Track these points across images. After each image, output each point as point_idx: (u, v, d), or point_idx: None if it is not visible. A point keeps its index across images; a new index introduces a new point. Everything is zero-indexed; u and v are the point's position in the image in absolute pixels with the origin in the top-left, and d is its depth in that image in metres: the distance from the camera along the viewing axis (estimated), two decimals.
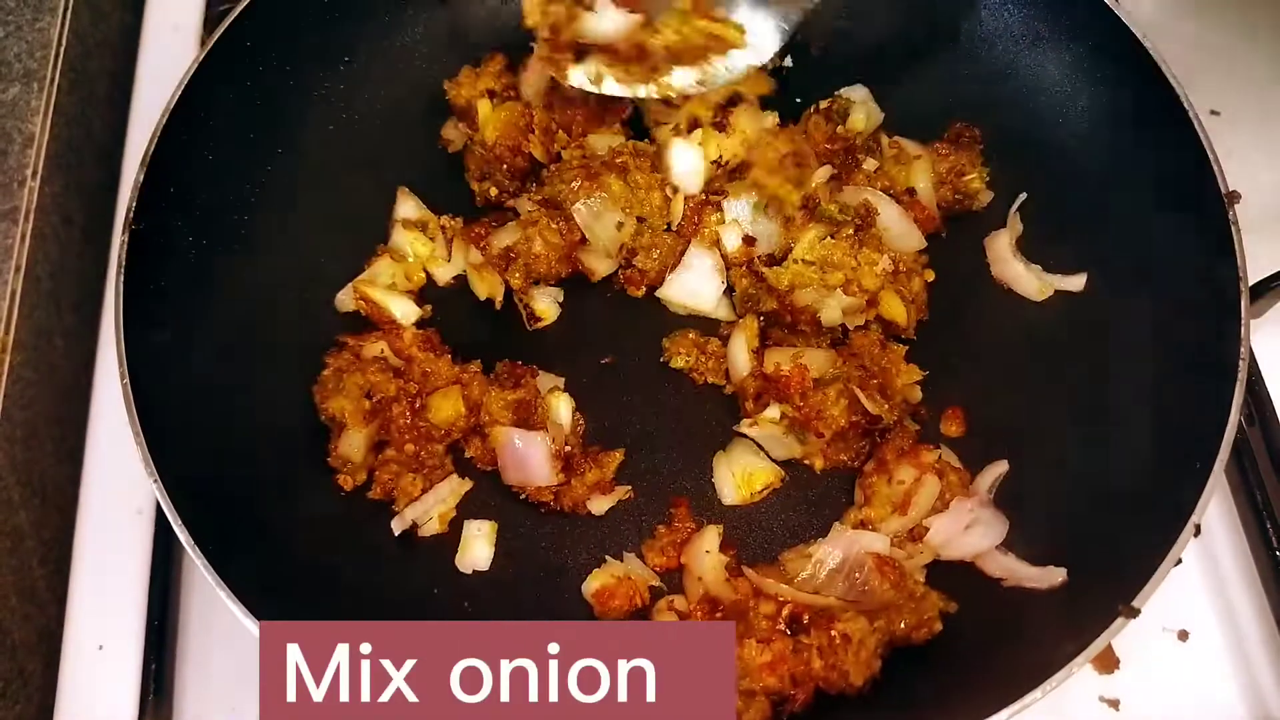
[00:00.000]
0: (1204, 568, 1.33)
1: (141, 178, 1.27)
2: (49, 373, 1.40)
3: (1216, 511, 1.35)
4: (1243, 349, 1.18)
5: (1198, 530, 1.11)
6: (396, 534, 1.26)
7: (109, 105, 1.62)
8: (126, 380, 1.17)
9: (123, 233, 1.25)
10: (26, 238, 1.36)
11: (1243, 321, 1.19)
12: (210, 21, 1.63)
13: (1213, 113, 1.52)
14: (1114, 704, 1.26)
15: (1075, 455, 1.28)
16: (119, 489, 1.37)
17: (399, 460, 1.29)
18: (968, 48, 1.49)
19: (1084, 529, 1.22)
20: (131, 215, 1.25)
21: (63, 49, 1.49)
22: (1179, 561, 1.09)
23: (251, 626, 1.07)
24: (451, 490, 1.30)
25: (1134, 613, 1.07)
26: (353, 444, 1.27)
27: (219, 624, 1.07)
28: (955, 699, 1.09)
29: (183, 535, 1.11)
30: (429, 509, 1.28)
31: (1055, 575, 1.18)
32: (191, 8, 1.67)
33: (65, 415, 1.43)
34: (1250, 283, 1.33)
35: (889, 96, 1.49)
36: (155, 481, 1.13)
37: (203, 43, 1.35)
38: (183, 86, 1.32)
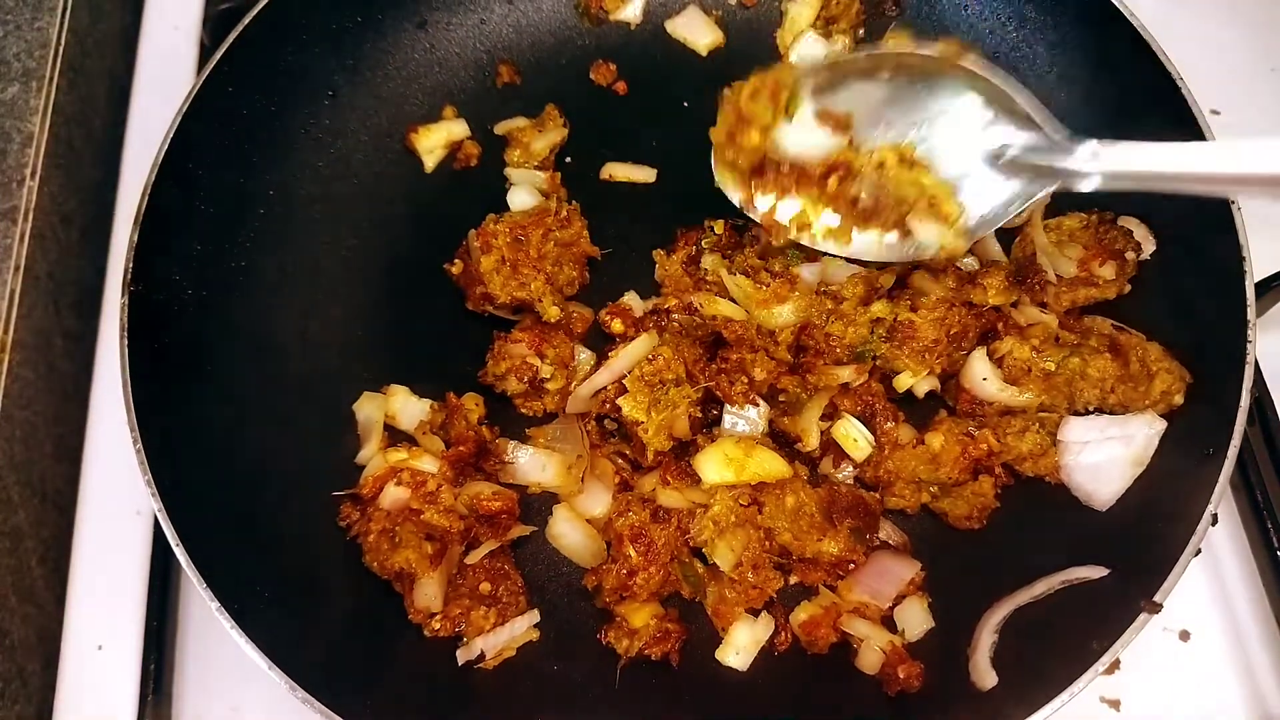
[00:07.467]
0: (1205, 568, 1.33)
1: (135, 236, 1.24)
2: (48, 372, 1.40)
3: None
4: (1251, 334, 1.17)
5: (1215, 519, 1.11)
6: (460, 664, 1.19)
7: (108, 105, 1.62)
8: (132, 406, 1.16)
9: (122, 295, 1.22)
10: (25, 237, 1.36)
11: (1249, 305, 1.18)
12: (209, 21, 1.63)
13: (1213, 112, 1.52)
14: (1114, 704, 1.26)
15: None
16: (118, 489, 1.37)
17: (471, 595, 1.22)
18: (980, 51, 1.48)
19: (1104, 525, 1.21)
20: (129, 276, 1.23)
21: (62, 48, 1.49)
22: (1199, 551, 1.09)
23: (235, 634, 1.07)
24: (528, 625, 1.22)
25: (1157, 608, 1.06)
26: (429, 593, 1.19)
27: (219, 624, 1.08)
28: (985, 705, 1.11)
29: (171, 533, 1.11)
30: (501, 644, 1.20)
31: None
32: (191, 8, 1.67)
33: (65, 415, 1.42)
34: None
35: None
36: (149, 484, 1.12)
37: (189, 92, 1.32)
38: (169, 139, 1.29)
